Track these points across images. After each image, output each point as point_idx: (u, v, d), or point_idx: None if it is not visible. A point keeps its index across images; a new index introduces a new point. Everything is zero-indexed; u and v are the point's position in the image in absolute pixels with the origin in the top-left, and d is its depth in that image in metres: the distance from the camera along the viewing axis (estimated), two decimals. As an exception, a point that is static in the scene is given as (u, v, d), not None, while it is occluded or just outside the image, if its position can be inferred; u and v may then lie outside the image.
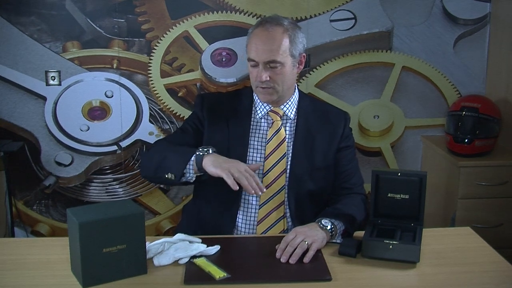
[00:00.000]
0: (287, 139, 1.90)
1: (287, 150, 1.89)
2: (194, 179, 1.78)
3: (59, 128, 2.96)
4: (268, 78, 1.81)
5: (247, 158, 1.89)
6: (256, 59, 1.81)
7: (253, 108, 1.94)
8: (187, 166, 1.75)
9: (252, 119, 1.93)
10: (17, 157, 2.94)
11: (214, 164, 1.70)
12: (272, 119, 1.91)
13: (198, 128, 1.94)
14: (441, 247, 1.67)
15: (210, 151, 1.76)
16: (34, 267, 1.54)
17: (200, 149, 1.76)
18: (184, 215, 2.06)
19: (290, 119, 1.92)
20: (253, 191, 1.67)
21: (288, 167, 1.88)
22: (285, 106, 1.91)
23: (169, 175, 1.77)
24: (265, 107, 1.91)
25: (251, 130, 1.91)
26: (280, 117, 1.91)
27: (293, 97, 1.93)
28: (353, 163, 1.97)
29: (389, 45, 3.04)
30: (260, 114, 1.92)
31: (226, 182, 1.66)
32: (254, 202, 1.87)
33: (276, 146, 1.88)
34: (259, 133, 1.91)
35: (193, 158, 1.75)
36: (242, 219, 1.89)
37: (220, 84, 2.97)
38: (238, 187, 1.66)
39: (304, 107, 1.95)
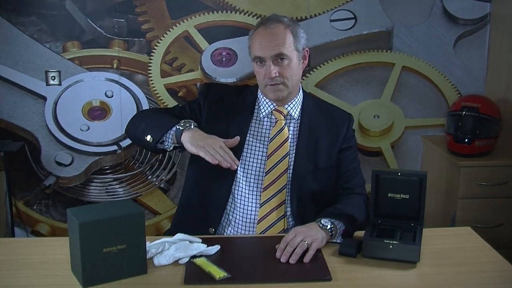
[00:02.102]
0: (290, 139, 1.90)
1: (290, 149, 1.90)
2: (171, 148, 1.83)
3: (59, 128, 2.96)
4: (277, 74, 1.82)
5: (245, 156, 1.89)
6: (263, 55, 1.82)
7: (256, 106, 1.94)
8: (167, 134, 1.81)
9: (255, 117, 1.93)
10: (17, 157, 2.94)
11: (191, 141, 1.74)
12: (276, 118, 1.91)
13: (196, 113, 1.96)
14: (441, 247, 1.67)
15: (192, 126, 1.80)
16: (34, 267, 1.54)
17: (182, 123, 1.80)
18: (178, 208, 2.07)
19: (294, 119, 1.92)
20: (228, 165, 1.70)
21: (291, 167, 1.88)
22: (289, 105, 1.92)
23: (148, 137, 1.82)
24: (269, 105, 1.92)
25: (251, 128, 1.92)
26: (284, 116, 1.91)
27: (298, 96, 1.94)
28: (355, 164, 1.97)
29: (389, 45, 3.04)
30: (264, 113, 1.92)
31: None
32: (254, 201, 1.88)
33: (279, 145, 1.88)
34: (260, 132, 1.91)
35: (174, 128, 1.79)
36: (242, 217, 1.88)
37: (220, 84, 2.97)
38: (217, 162, 1.69)
39: (308, 107, 1.95)
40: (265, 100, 1.92)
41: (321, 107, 2.00)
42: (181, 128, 1.78)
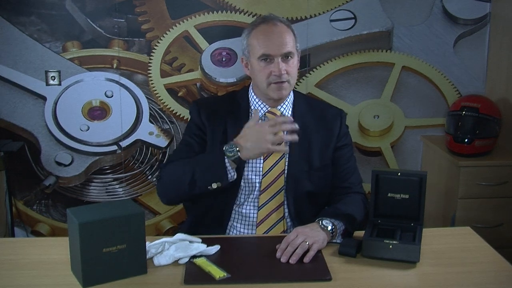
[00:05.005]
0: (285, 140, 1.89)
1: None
2: (235, 177, 1.76)
3: (59, 128, 2.96)
4: (286, 71, 1.80)
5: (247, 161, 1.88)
6: (273, 53, 1.79)
7: (250, 110, 1.92)
8: (227, 167, 1.72)
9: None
10: (17, 157, 2.94)
11: (249, 153, 1.71)
12: None
13: (201, 137, 1.90)
14: (441, 247, 1.67)
15: (234, 148, 1.72)
16: (34, 267, 1.54)
17: (227, 149, 1.72)
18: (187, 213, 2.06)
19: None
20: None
21: (286, 168, 1.88)
22: (281, 106, 1.90)
23: (213, 185, 1.74)
24: (262, 108, 1.90)
25: None
26: None
27: (289, 96, 1.92)
28: (351, 162, 1.95)
29: (389, 45, 3.04)
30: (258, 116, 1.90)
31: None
32: (252, 204, 1.87)
33: None
34: None
35: (227, 161, 1.72)
36: (242, 220, 1.88)
37: (220, 84, 2.97)
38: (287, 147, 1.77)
39: (300, 106, 1.93)
40: (257, 103, 1.90)
41: (313, 105, 1.97)
42: (230, 155, 1.71)
